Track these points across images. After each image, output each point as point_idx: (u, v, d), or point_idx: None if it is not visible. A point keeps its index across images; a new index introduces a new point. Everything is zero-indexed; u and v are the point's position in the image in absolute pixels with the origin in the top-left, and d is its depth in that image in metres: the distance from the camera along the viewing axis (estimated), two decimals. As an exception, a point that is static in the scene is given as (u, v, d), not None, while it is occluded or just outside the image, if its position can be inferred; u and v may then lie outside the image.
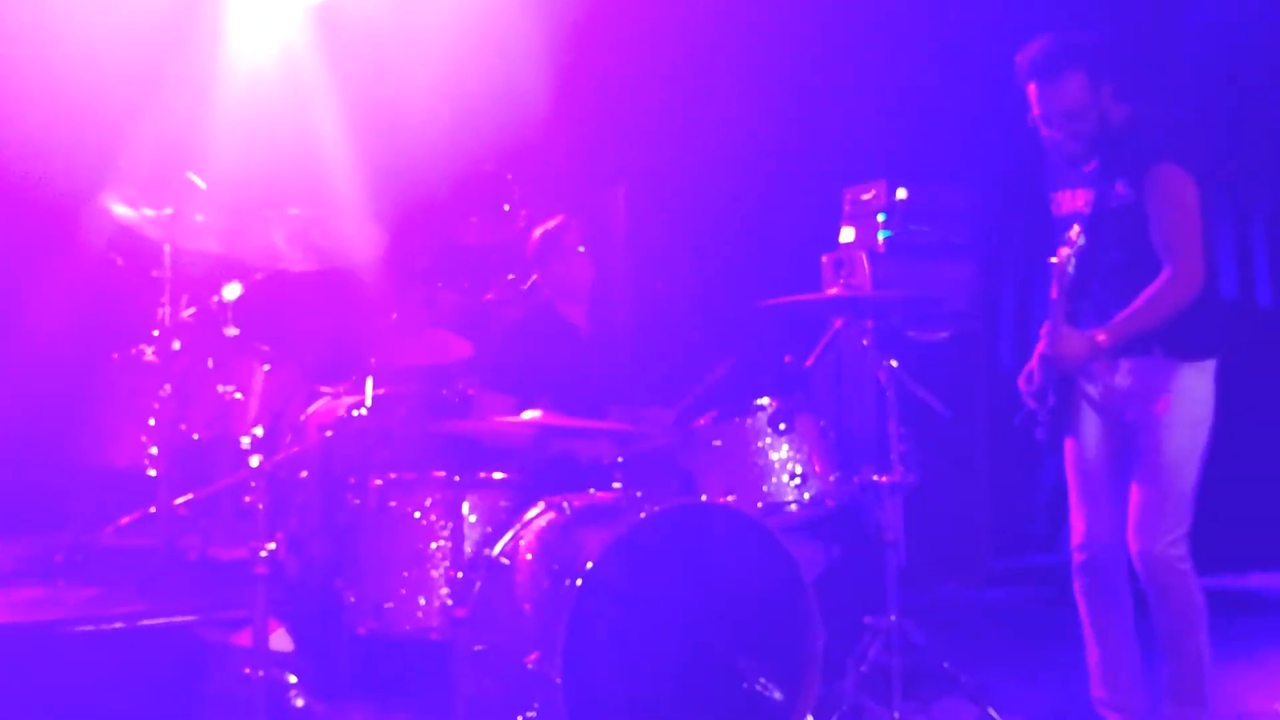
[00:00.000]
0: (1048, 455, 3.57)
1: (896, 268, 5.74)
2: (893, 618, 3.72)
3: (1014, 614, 5.52)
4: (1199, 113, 3.35)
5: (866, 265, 5.63)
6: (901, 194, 5.87)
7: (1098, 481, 3.45)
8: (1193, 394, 3.31)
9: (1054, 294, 3.36)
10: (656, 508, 3.38)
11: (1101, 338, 3.28)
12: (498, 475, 3.72)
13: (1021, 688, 4.20)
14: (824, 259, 5.96)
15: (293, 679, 3.44)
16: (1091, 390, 3.41)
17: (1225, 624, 3.55)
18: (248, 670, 3.34)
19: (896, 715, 3.68)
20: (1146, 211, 3.26)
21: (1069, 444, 3.50)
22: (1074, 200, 3.45)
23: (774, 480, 3.83)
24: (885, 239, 5.81)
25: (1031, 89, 3.35)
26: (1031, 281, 6.61)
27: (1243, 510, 5.69)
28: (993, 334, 6.05)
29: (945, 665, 3.75)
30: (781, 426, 3.85)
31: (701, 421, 3.97)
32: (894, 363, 3.88)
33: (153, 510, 4.51)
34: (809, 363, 4.05)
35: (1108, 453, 3.44)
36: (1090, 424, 3.44)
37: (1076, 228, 3.35)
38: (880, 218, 5.84)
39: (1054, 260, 3.37)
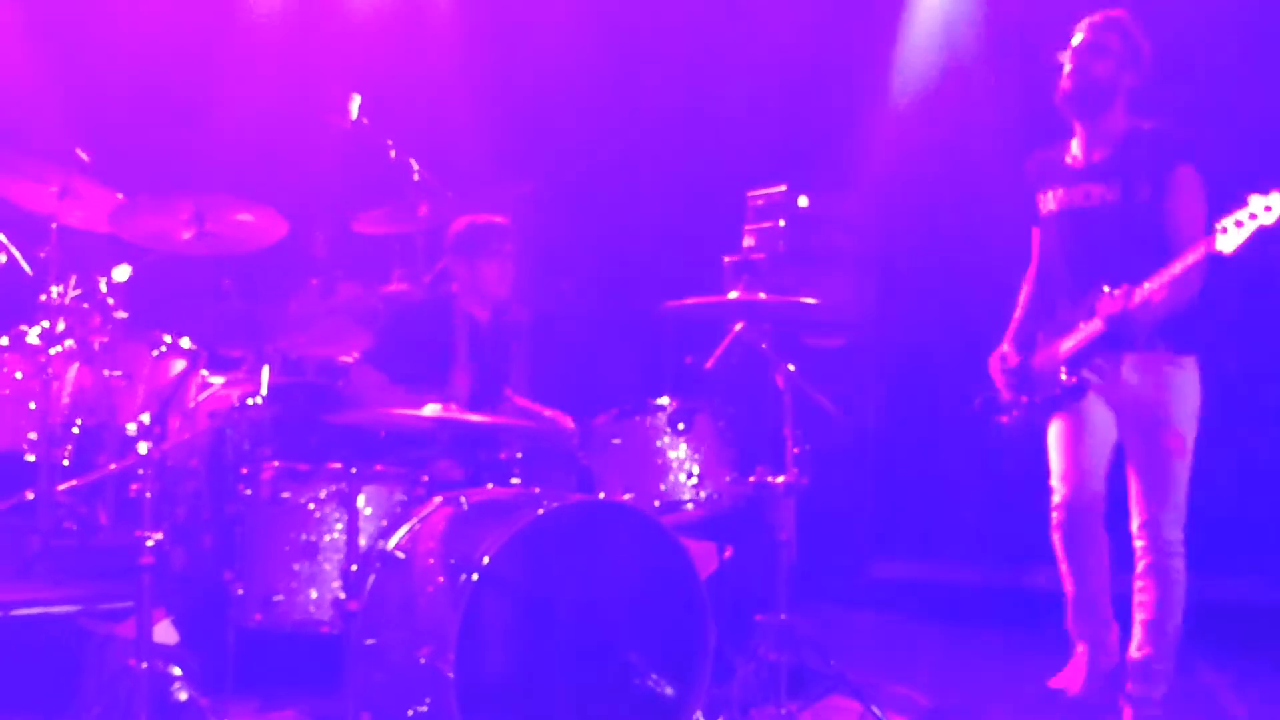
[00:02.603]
0: (1010, 442, 3.93)
1: (795, 273, 5.85)
2: (783, 616, 3.80)
3: (898, 614, 5.68)
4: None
5: (766, 270, 5.72)
6: (803, 201, 5.99)
7: (1091, 455, 3.78)
8: (1190, 386, 3.64)
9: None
10: (554, 504, 3.39)
11: (1138, 298, 3.48)
12: (394, 468, 3.69)
13: (905, 686, 4.32)
14: (726, 261, 6.04)
15: (177, 671, 3.36)
16: (1095, 380, 3.67)
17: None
18: (130, 662, 3.25)
19: (783, 712, 3.76)
20: (1164, 207, 3.60)
21: (1065, 422, 3.80)
22: (1072, 195, 3.76)
23: (671, 479, 3.88)
24: (785, 245, 5.91)
25: (1079, 31, 3.74)
26: (922, 291, 6.80)
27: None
28: (884, 342, 6.20)
29: (832, 663, 3.84)
30: (680, 426, 3.90)
31: (601, 419, 3.99)
32: (791, 367, 3.96)
33: (30, 496, 4.35)
34: (709, 364, 4.10)
35: (1108, 435, 3.77)
36: (1096, 408, 3.73)
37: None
38: (781, 223, 5.95)
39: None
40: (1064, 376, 3.68)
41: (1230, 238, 3.32)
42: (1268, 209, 3.29)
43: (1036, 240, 4.02)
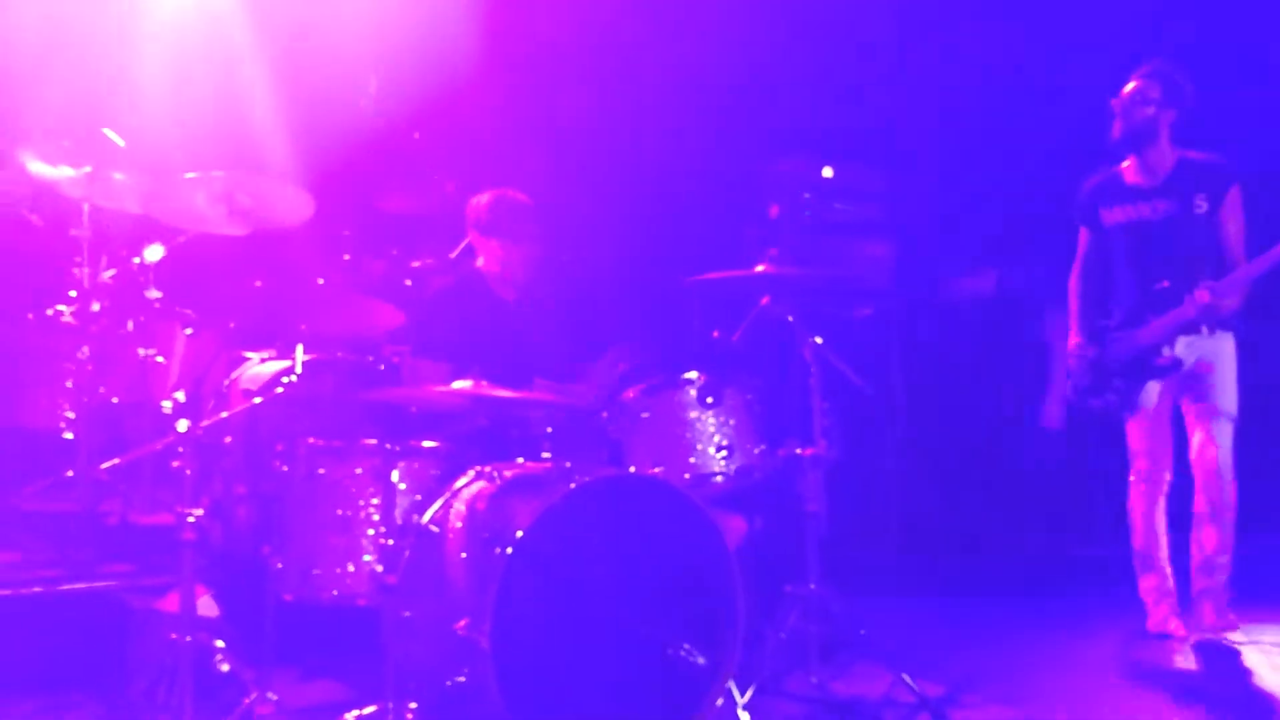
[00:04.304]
0: (1098, 421, 4.64)
1: (821, 245, 5.86)
2: (812, 586, 3.84)
3: (926, 582, 5.71)
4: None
5: (792, 242, 5.73)
6: (827, 173, 5.99)
7: (1164, 429, 4.49)
8: (1231, 357, 4.44)
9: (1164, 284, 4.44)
10: (586, 478, 3.42)
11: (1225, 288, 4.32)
12: (428, 444, 3.74)
13: (934, 654, 4.36)
14: (751, 234, 6.05)
15: (219, 644, 3.43)
16: (1158, 361, 4.43)
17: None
18: (173, 635, 3.32)
19: (814, 680, 3.81)
20: (1218, 219, 4.41)
21: (1146, 403, 4.48)
22: (1138, 210, 4.51)
23: (701, 452, 3.90)
24: (811, 216, 5.92)
25: (1133, 80, 4.55)
26: (944, 261, 6.79)
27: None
28: (909, 311, 6.21)
29: (861, 632, 3.88)
30: (709, 400, 3.92)
31: (631, 394, 4.02)
32: (819, 339, 3.98)
33: (70, 474, 4.43)
34: (736, 337, 4.12)
35: (1169, 406, 4.50)
36: (1155, 388, 4.47)
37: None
38: (806, 195, 5.95)
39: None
40: (1159, 359, 4.42)
41: None
42: None
43: (1084, 242, 4.72)
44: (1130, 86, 4.53)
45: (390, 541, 3.47)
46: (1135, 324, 4.48)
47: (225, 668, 3.40)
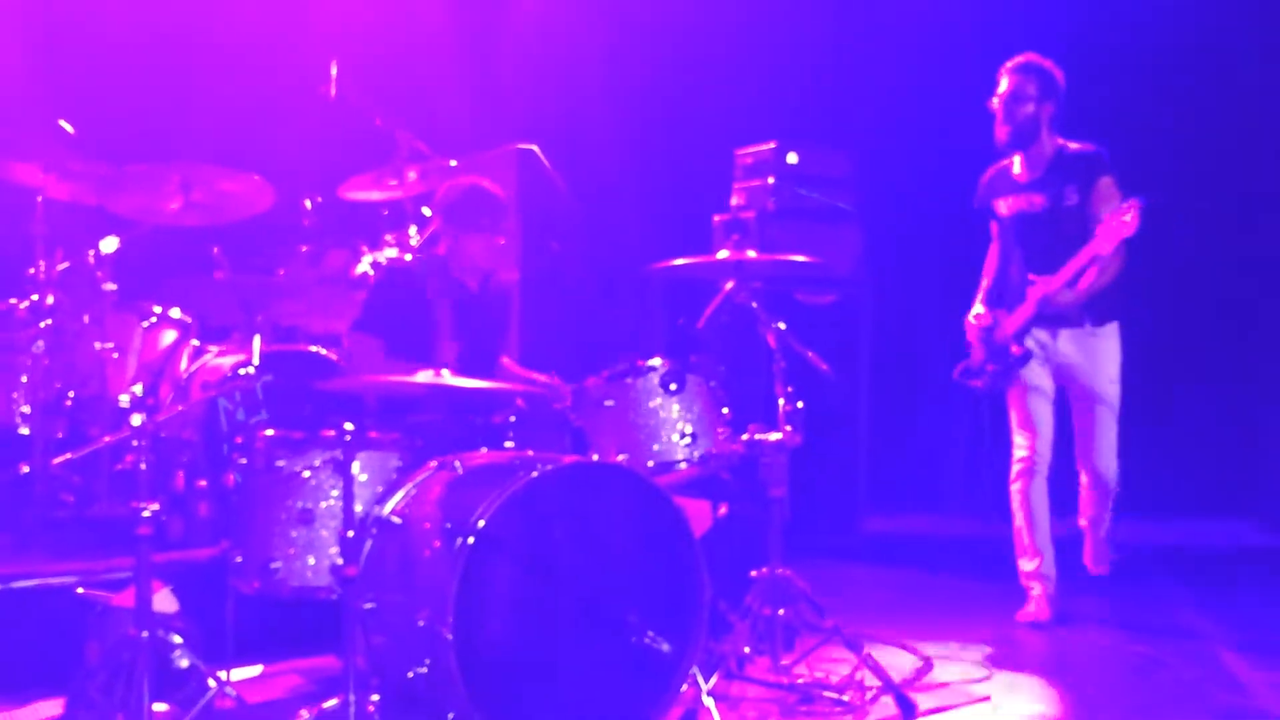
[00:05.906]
0: (982, 402, 4.94)
1: (785, 231, 5.85)
2: (777, 571, 3.84)
3: (890, 567, 5.73)
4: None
5: (756, 228, 5.72)
6: (792, 158, 5.97)
7: (1043, 413, 4.59)
8: (1111, 350, 4.53)
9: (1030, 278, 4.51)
10: (548, 467, 3.40)
11: (1054, 284, 4.41)
12: (389, 434, 3.70)
13: (898, 634, 4.37)
14: (715, 220, 6.03)
15: (177, 640, 3.39)
16: (1036, 351, 4.57)
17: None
18: (131, 631, 3.28)
19: (779, 665, 3.81)
20: (1089, 211, 4.44)
21: (1019, 388, 4.60)
22: (1019, 202, 4.62)
23: (664, 439, 3.89)
24: (775, 202, 5.90)
25: (1002, 78, 4.57)
26: (911, 248, 6.80)
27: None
28: (875, 298, 6.21)
29: (826, 616, 3.88)
30: (673, 387, 3.90)
31: (594, 381, 4.00)
32: (782, 325, 3.97)
33: (26, 469, 4.37)
34: (700, 324, 4.11)
35: (1049, 394, 4.61)
36: (1038, 374, 4.58)
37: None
38: (770, 181, 5.93)
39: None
40: (1014, 349, 4.54)
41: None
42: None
43: (995, 230, 4.81)
44: (1005, 86, 4.54)
45: (351, 534, 3.43)
46: (1012, 312, 4.57)
47: (184, 663, 3.36)
